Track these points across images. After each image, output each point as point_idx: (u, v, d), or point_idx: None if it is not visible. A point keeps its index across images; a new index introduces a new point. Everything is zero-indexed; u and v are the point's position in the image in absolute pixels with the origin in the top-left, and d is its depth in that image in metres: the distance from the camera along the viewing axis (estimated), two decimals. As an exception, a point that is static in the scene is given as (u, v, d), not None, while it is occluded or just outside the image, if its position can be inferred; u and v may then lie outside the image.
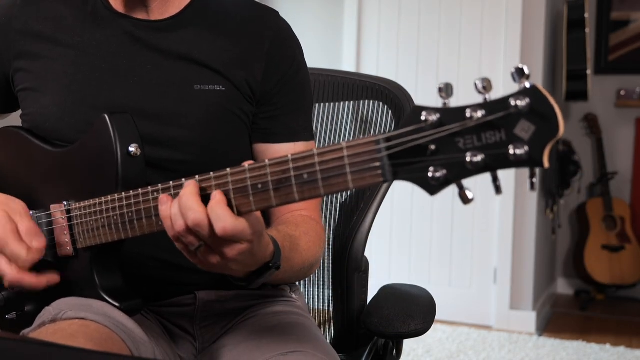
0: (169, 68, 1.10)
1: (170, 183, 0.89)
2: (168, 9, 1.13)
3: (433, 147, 0.72)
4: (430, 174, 0.72)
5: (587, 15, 3.78)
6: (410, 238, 3.77)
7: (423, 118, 0.72)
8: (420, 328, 1.17)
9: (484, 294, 3.66)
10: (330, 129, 1.48)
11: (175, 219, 0.84)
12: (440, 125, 0.71)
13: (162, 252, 1.08)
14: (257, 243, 0.86)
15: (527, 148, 0.68)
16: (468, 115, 0.70)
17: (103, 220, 0.98)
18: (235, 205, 0.83)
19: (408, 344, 3.16)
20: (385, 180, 0.75)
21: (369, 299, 1.28)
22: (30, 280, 1.01)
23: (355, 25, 3.81)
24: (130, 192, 0.94)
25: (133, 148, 1.00)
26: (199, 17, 1.14)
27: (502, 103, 0.69)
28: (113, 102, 1.09)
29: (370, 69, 3.79)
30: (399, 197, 3.69)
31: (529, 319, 3.56)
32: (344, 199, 1.43)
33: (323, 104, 1.48)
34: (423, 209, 3.72)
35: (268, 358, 0.99)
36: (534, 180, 0.70)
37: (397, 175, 0.74)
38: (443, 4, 3.68)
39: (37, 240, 1.00)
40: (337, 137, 1.47)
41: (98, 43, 1.12)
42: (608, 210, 4.20)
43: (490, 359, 3.13)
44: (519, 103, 0.68)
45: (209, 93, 1.10)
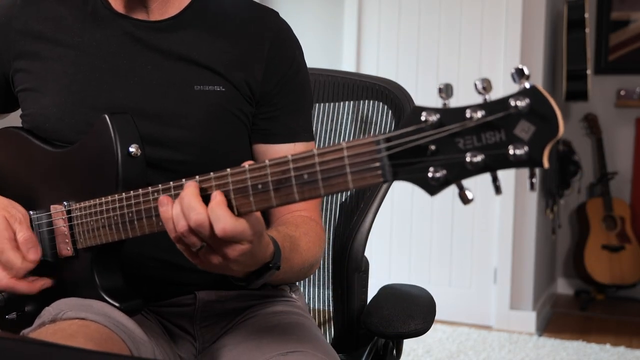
0: (169, 68, 1.11)
1: (171, 183, 0.89)
2: (168, 10, 1.13)
3: (433, 147, 0.72)
4: (430, 174, 0.72)
5: (587, 15, 3.78)
6: (410, 238, 3.77)
7: (423, 118, 0.72)
8: (420, 328, 1.17)
9: (484, 294, 3.66)
10: (330, 129, 1.48)
11: (177, 220, 0.84)
12: (440, 126, 0.71)
13: (162, 252, 1.08)
14: (257, 243, 0.86)
15: (526, 148, 0.68)
16: (468, 116, 0.70)
17: (103, 221, 0.98)
18: (235, 206, 0.83)
19: (408, 344, 3.16)
20: (385, 181, 0.75)
21: (369, 299, 1.28)
22: (24, 287, 1.04)
23: (355, 25, 3.81)
24: (131, 192, 0.95)
25: (133, 148, 1.00)
26: (199, 18, 1.14)
27: (501, 103, 0.69)
28: (113, 102, 1.09)
29: (370, 69, 3.79)
30: (399, 197, 3.69)
31: (529, 319, 3.56)
32: (344, 199, 1.43)
33: (323, 104, 1.48)
34: (423, 209, 3.72)
35: (268, 358, 1.00)
36: (534, 181, 0.70)
37: (397, 176, 0.74)
38: (443, 4, 3.68)
39: (32, 252, 1.02)
40: (337, 137, 1.47)
41: (98, 43, 1.12)
42: (608, 210, 4.20)
43: (490, 359, 3.13)
44: (519, 103, 0.68)
45: (209, 94, 1.10)
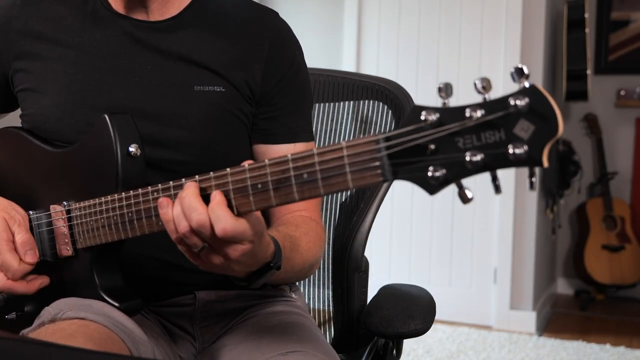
0: (169, 69, 1.10)
1: (170, 183, 0.89)
2: (168, 10, 1.13)
3: (432, 146, 0.72)
4: (430, 174, 0.72)
5: (587, 15, 3.78)
6: (410, 238, 3.77)
7: (423, 118, 0.72)
8: (420, 328, 1.17)
9: (484, 294, 3.66)
10: (330, 129, 1.48)
11: (179, 221, 0.84)
12: (440, 125, 0.71)
13: (162, 252, 1.08)
14: (258, 243, 0.86)
15: (526, 147, 0.68)
16: (467, 115, 0.70)
17: (103, 221, 0.98)
18: (235, 205, 0.83)
19: (408, 344, 3.16)
20: (385, 180, 0.75)
21: (369, 299, 1.28)
22: (21, 287, 1.04)
23: (355, 25, 3.81)
24: (130, 192, 0.94)
25: (133, 148, 1.00)
26: (199, 18, 1.14)
27: (501, 103, 0.69)
28: (113, 102, 1.09)
29: (370, 69, 3.79)
30: (399, 197, 3.69)
31: (529, 319, 3.56)
32: (344, 199, 1.43)
33: (323, 104, 1.48)
34: (423, 209, 3.72)
35: (268, 358, 0.99)
36: (534, 180, 0.70)
37: (396, 175, 0.74)
38: (443, 4, 3.68)
39: (30, 255, 1.03)
40: (337, 137, 1.47)
41: (98, 43, 1.12)
42: (608, 210, 4.20)
43: (490, 359, 3.13)
44: (519, 102, 0.68)
45: (209, 94, 1.10)
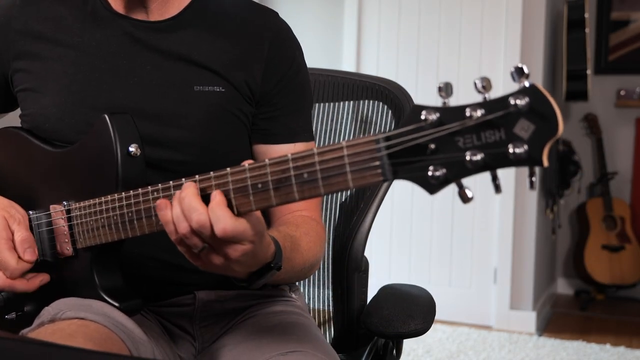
0: (169, 69, 1.10)
1: (170, 183, 0.89)
2: (167, 10, 1.13)
3: (433, 146, 0.72)
4: (430, 173, 0.72)
5: (587, 15, 3.78)
6: (410, 238, 3.77)
7: (423, 117, 0.72)
8: (420, 328, 1.17)
9: (484, 294, 3.66)
10: (330, 129, 1.48)
11: (179, 222, 0.83)
12: (440, 125, 0.71)
13: (162, 252, 1.08)
14: (258, 243, 0.86)
15: (526, 147, 0.68)
16: (467, 115, 0.70)
17: (103, 220, 0.98)
18: (235, 205, 0.83)
19: (408, 344, 3.15)
20: (385, 180, 0.75)
21: (369, 299, 1.28)
22: (21, 285, 1.04)
23: (355, 25, 3.81)
24: (130, 192, 0.94)
25: (133, 148, 1.00)
26: (199, 18, 1.14)
27: (501, 102, 0.69)
28: (113, 102, 1.09)
29: (370, 69, 3.79)
30: (399, 197, 3.69)
31: (529, 319, 3.56)
32: (344, 199, 1.43)
33: (323, 104, 1.48)
34: (423, 209, 3.72)
35: (268, 358, 0.99)
36: (534, 179, 0.70)
37: (396, 175, 0.74)
38: (443, 4, 3.68)
39: (29, 252, 1.03)
40: (337, 137, 1.47)
41: (98, 43, 1.12)
42: (608, 210, 4.20)
43: (490, 359, 3.12)
44: (519, 102, 0.68)
45: (209, 94, 1.10)
